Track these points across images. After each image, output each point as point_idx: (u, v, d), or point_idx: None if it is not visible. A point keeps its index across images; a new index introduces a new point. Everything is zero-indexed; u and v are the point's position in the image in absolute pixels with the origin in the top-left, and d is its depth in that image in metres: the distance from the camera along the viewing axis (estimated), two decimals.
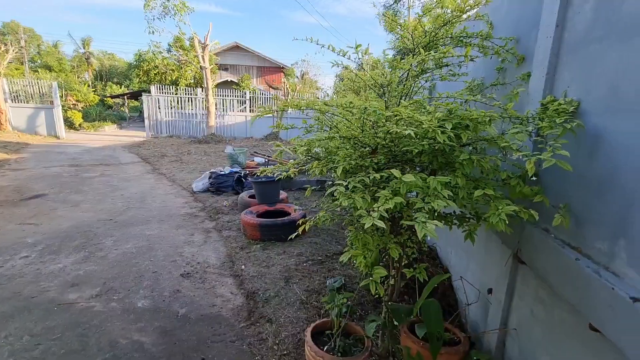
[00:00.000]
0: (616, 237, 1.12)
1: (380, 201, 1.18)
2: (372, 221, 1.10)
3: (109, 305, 2.65)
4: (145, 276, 3.12)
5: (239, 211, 5.05)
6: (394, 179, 1.29)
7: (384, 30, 16.60)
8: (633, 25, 1.11)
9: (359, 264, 1.44)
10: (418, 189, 1.23)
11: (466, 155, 1.32)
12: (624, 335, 0.99)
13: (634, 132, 1.08)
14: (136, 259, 3.47)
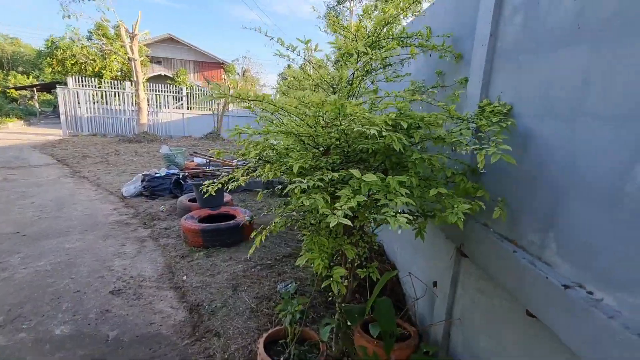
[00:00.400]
0: (546, 230, 1.23)
1: (342, 200, 1.14)
2: (337, 220, 1.05)
3: (15, 336, 2.22)
4: (64, 297, 2.70)
5: (178, 216, 4.67)
6: (353, 179, 1.26)
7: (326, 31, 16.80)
8: (558, 37, 1.23)
9: (317, 266, 1.39)
10: (378, 188, 1.22)
11: (417, 154, 1.35)
12: (558, 320, 1.09)
13: (559, 134, 1.19)
14: (52, 278, 2.98)
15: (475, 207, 1.28)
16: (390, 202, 1.17)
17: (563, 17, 1.21)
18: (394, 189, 1.20)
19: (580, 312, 1.01)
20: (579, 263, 1.09)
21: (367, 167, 1.68)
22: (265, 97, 1.42)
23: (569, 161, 1.15)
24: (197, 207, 4.44)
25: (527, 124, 1.35)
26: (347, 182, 1.30)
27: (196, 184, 4.30)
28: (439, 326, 1.98)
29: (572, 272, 1.11)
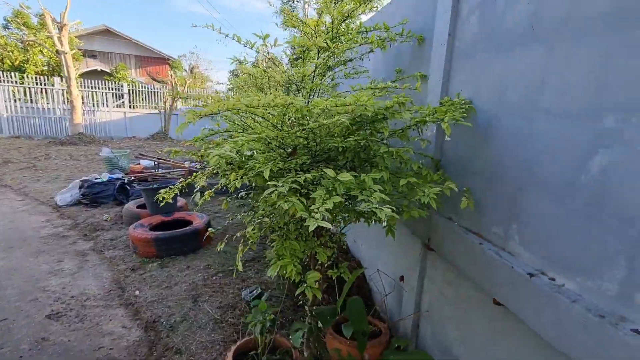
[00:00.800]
0: (509, 222, 1.29)
1: (317, 202, 1.08)
2: (316, 223, 0.99)
3: None
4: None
5: (125, 225, 4.27)
6: (327, 179, 1.21)
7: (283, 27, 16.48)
8: (513, 37, 1.28)
9: (290, 273, 1.32)
10: (353, 186, 1.18)
11: (385, 148, 1.34)
12: (525, 306, 1.15)
13: (518, 130, 1.25)
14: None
15: (446, 191, 1.29)
16: (369, 197, 1.14)
17: (518, 18, 1.27)
18: (369, 187, 1.17)
19: (545, 298, 1.07)
20: (541, 252, 1.15)
21: (335, 165, 1.64)
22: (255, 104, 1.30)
23: (528, 156, 1.21)
24: (147, 214, 4.10)
25: (487, 120, 1.41)
26: (318, 182, 1.25)
27: (145, 189, 3.96)
28: (408, 320, 2.02)
29: (535, 261, 1.17)
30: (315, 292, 1.32)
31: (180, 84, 16.78)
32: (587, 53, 1.00)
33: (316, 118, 1.49)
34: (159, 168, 6.61)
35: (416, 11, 2.02)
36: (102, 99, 15.25)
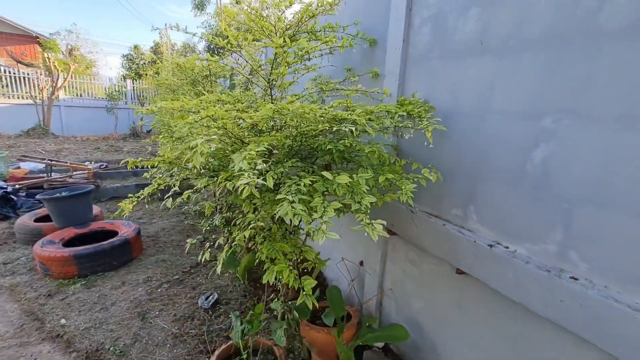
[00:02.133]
0: (467, 205, 1.55)
1: (319, 211, 1.12)
2: (325, 235, 1.03)
3: None
4: None
5: (20, 243, 3.50)
6: (319, 182, 1.25)
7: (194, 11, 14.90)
8: (465, 48, 1.52)
9: (287, 279, 1.32)
10: (346, 188, 1.25)
11: (369, 147, 1.44)
12: (487, 272, 1.41)
13: (472, 128, 1.50)
14: None
15: (422, 181, 1.46)
16: (360, 204, 1.22)
17: (468, 33, 1.50)
18: (360, 189, 1.26)
19: (504, 263, 1.33)
20: (495, 227, 1.43)
21: (313, 163, 1.68)
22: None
23: (481, 149, 1.46)
24: (52, 227, 3.42)
25: (443, 119, 1.63)
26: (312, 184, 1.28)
27: (50, 199, 3.28)
28: (373, 300, 2.21)
29: (491, 235, 1.44)
30: (312, 300, 1.35)
31: (63, 69, 13.99)
32: (529, 65, 1.27)
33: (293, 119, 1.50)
34: (51, 172, 5.50)
35: (367, 14, 2.16)
36: None
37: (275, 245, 1.44)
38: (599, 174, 1.07)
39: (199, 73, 3.36)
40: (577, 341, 1.13)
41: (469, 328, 1.61)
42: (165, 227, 4.13)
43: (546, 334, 1.26)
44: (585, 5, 1.09)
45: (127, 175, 6.23)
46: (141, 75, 25.55)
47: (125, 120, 15.05)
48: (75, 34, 28.86)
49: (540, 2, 1.22)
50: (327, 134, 1.55)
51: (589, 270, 1.12)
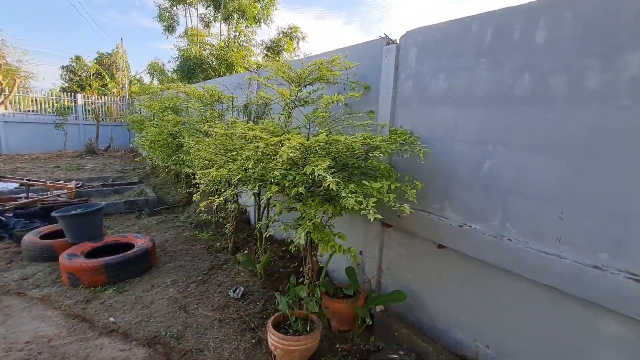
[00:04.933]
0: (443, 200, 2.34)
1: (365, 202, 1.80)
2: (373, 215, 1.71)
3: None
4: None
5: (29, 260, 3.63)
6: (359, 185, 1.93)
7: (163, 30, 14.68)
8: (436, 98, 2.33)
9: (339, 249, 1.96)
10: (377, 190, 1.94)
11: (384, 164, 2.17)
12: (458, 243, 2.19)
13: (443, 150, 2.30)
14: None
15: (417, 187, 2.20)
16: (389, 199, 1.92)
17: (439, 88, 2.32)
18: (384, 190, 1.96)
19: (469, 236, 2.12)
20: (462, 213, 2.22)
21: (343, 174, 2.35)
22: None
23: (450, 164, 2.27)
24: (63, 243, 3.62)
25: (424, 144, 2.42)
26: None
27: (66, 216, 3.50)
28: (374, 279, 2.91)
29: (460, 219, 2.23)
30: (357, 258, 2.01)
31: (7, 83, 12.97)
32: (477, 112, 2.10)
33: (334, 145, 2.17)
34: (29, 192, 5.42)
35: (362, 66, 2.92)
36: None
37: (325, 232, 2.08)
38: (517, 176, 1.91)
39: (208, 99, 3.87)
40: (513, 276, 1.94)
41: (448, 285, 2.37)
42: (167, 239, 4.45)
43: (496, 276, 2.06)
44: (506, 81, 1.94)
45: (107, 193, 6.28)
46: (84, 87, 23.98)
47: (76, 136, 14.28)
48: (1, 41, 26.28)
49: (483, 76, 2.06)
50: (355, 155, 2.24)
51: (516, 233, 1.93)
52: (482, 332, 2.16)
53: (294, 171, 2.05)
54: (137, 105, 7.04)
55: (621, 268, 1.56)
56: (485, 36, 2.05)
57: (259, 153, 2.18)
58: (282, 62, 2.75)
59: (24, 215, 4.58)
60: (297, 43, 13.54)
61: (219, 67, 11.07)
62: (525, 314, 1.93)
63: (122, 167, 9.87)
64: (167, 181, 7.21)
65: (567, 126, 1.71)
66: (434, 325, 2.46)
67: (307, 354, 2.21)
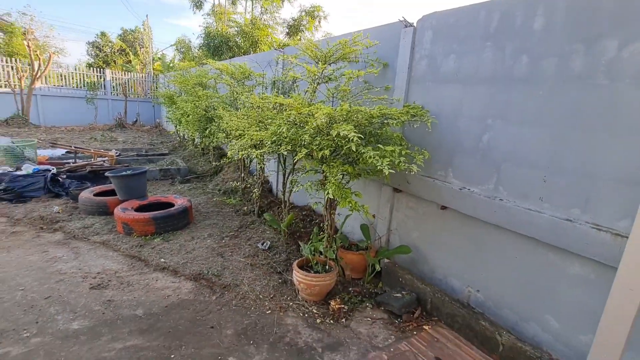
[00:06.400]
0: (447, 168, 2.68)
1: (380, 160, 2.16)
2: (388, 170, 2.09)
3: (31, 342, 2.11)
4: (37, 306, 2.49)
5: (85, 214, 4.22)
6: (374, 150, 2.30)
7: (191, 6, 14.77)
8: (446, 77, 2.63)
9: (356, 206, 2.36)
10: (390, 153, 2.30)
11: (397, 134, 2.52)
12: (458, 204, 2.55)
13: (449, 123, 2.62)
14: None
15: (426, 154, 2.55)
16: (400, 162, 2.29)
17: (449, 68, 2.62)
18: (396, 154, 2.33)
19: (468, 197, 2.48)
20: (463, 179, 2.57)
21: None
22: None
23: (455, 136, 2.60)
24: (115, 200, 4.18)
25: (433, 117, 2.75)
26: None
27: (118, 176, 4.05)
28: (384, 237, 3.32)
29: (460, 183, 2.58)
30: (370, 216, 2.41)
31: (35, 57, 13.68)
32: (481, 91, 2.40)
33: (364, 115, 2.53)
34: (77, 158, 6.05)
35: (381, 45, 3.22)
36: None
37: (344, 190, 2.47)
38: (510, 146, 2.23)
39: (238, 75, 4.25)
40: (501, 230, 2.30)
41: (447, 241, 2.75)
42: (199, 202, 4.98)
43: (487, 231, 2.43)
44: (507, 63, 2.23)
45: (142, 162, 6.87)
46: (109, 63, 24.70)
47: (105, 110, 15.02)
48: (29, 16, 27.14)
49: (488, 58, 2.35)
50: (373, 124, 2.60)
51: (507, 195, 2.28)
52: (474, 280, 2.56)
53: (319, 137, 2.43)
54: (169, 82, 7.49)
55: (588, 220, 1.90)
56: (492, 22, 2.32)
57: (290, 121, 2.57)
58: (310, 41, 3.08)
59: (74, 177, 5.20)
60: (318, 22, 13.58)
61: (244, 45, 11.36)
62: (508, 262, 2.30)
63: (151, 140, 10.50)
64: (194, 153, 7.74)
65: (554, 102, 2.01)
66: (434, 276, 2.87)
67: (326, 289, 2.67)
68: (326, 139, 2.38)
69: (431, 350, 2.20)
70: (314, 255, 2.81)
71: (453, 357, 2.15)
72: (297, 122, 2.65)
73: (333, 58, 3.07)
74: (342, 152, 2.50)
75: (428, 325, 2.49)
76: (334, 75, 3.18)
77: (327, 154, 2.33)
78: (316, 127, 2.30)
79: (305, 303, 2.67)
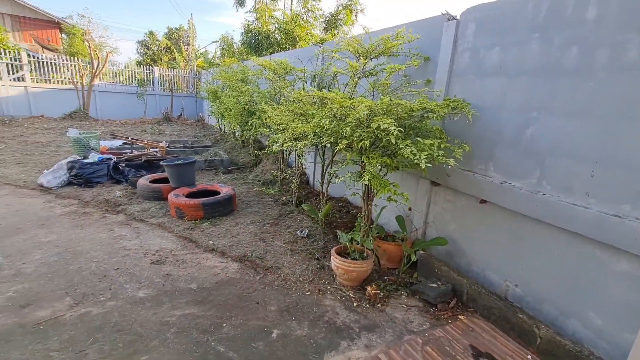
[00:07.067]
0: (488, 162, 2.67)
1: (418, 154, 2.23)
2: (425, 165, 2.15)
3: (107, 305, 2.46)
4: (109, 276, 2.86)
5: (143, 199, 4.67)
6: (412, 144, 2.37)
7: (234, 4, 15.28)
8: (489, 70, 2.61)
9: (395, 193, 2.45)
10: (426, 146, 2.36)
11: (437, 127, 2.56)
12: (499, 198, 2.54)
13: (491, 116, 2.61)
14: (72, 265, 2.98)
15: (466, 148, 2.57)
16: (438, 155, 2.34)
17: (493, 60, 2.60)
18: (434, 147, 2.38)
19: (508, 191, 2.47)
20: (504, 173, 2.55)
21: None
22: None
23: (497, 129, 2.58)
24: (167, 187, 4.58)
25: (475, 109, 2.74)
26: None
27: (171, 165, 4.44)
28: (420, 230, 3.36)
29: (501, 177, 2.57)
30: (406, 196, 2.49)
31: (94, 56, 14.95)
32: (525, 83, 2.37)
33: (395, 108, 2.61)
34: (132, 148, 6.64)
35: (422, 39, 3.23)
36: None
37: (381, 180, 2.57)
38: (556, 139, 2.20)
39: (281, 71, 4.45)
40: (543, 224, 2.28)
41: (487, 234, 2.75)
42: (241, 191, 5.30)
43: (528, 225, 2.41)
44: (555, 54, 2.19)
45: (188, 153, 7.37)
46: (156, 61, 26.28)
47: (153, 105, 16.11)
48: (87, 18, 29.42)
49: (534, 50, 2.31)
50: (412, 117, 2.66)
51: (551, 189, 2.25)
52: (512, 274, 2.55)
53: (359, 129, 2.54)
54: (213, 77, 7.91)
55: (639, 216, 1.85)
56: (540, 12, 2.28)
57: (332, 114, 2.70)
58: (354, 37, 3.18)
59: (132, 166, 5.73)
60: (355, 16, 13.51)
61: (284, 41, 11.64)
62: (550, 257, 2.28)
63: (195, 133, 11.14)
64: (235, 146, 8.14)
65: (605, 93, 1.96)
66: (470, 268, 2.88)
67: (362, 275, 2.79)
68: (366, 131, 2.48)
69: (466, 338, 2.25)
70: (352, 244, 2.94)
71: (488, 346, 2.19)
72: (337, 115, 2.77)
73: (374, 53, 3.14)
74: (381, 144, 2.59)
75: (463, 315, 2.53)
76: (374, 70, 3.25)
77: (367, 145, 2.43)
78: (357, 119, 2.40)
79: (342, 287, 2.82)
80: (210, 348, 2.07)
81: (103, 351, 2.01)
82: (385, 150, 2.70)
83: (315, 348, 2.13)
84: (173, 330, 2.23)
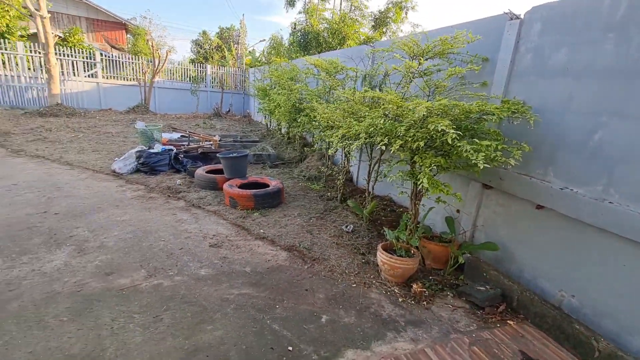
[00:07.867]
0: (547, 165, 2.58)
1: (475, 154, 2.23)
2: (483, 165, 2.15)
3: (175, 279, 2.76)
4: (175, 254, 3.19)
5: (199, 188, 5.07)
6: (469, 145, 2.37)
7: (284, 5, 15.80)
8: (554, 70, 2.52)
9: (447, 192, 2.47)
10: (483, 147, 2.35)
11: (494, 129, 2.53)
12: (558, 204, 2.45)
13: (555, 119, 2.51)
14: (144, 242, 3.36)
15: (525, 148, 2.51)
16: (495, 155, 2.32)
17: (558, 61, 2.50)
18: (491, 149, 2.35)
19: (569, 198, 2.38)
20: (565, 178, 2.46)
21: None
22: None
23: (560, 133, 2.48)
24: (222, 178, 4.93)
25: (536, 113, 2.65)
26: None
27: (227, 157, 4.78)
28: (468, 233, 3.32)
29: (562, 183, 2.48)
30: (459, 196, 2.50)
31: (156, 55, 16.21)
32: (594, 85, 2.26)
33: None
34: (190, 141, 7.19)
35: (481, 40, 3.17)
36: (73, 68, 14.37)
37: (434, 180, 2.60)
38: (628, 146, 2.08)
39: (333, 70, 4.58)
40: (607, 234, 2.17)
41: (542, 242, 2.66)
42: (287, 185, 5.53)
43: (589, 234, 2.30)
44: (633, 55, 2.07)
45: (237, 147, 7.80)
46: (207, 59, 27.80)
47: (204, 101, 17.13)
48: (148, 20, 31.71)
49: (608, 50, 2.20)
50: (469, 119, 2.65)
51: (619, 197, 2.14)
52: (568, 284, 2.45)
53: (413, 129, 2.58)
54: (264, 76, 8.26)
55: None
56: (618, 10, 2.16)
57: (384, 114, 2.77)
58: (410, 37, 3.21)
59: (189, 157, 6.21)
60: (405, 13, 13.27)
61: (332, 41, 11.82)
62: (614, 269, 2.17)
63: (242, 128, 11.71)
64: (281, 142, 8.45)
65: None
66: (521, 275, 2.80)
67: (408, 273, 2.84)
68: (421, 132, 2.52)
69: (515, 343, 2.23)
70: (398, 241, 3.00)
71: (540, 354, 2.15)
72: (390, 115, 2.83)
73: (431, 54, 3.14)
74: (434, 144, 2.62)
75: (513, 321, 2.48)
76: (428, 70, 3.25)
77: (422, 145, 2.47)
78: (412, 120, 2.45)
79: (387, 283, 2.89)
80: (266, 325, 2.27)
81: (175, 317, 2.28)
82: (438, 150, 2.71)
83: (362, 336, 2.24)
84: (232, 306, 2.46)
